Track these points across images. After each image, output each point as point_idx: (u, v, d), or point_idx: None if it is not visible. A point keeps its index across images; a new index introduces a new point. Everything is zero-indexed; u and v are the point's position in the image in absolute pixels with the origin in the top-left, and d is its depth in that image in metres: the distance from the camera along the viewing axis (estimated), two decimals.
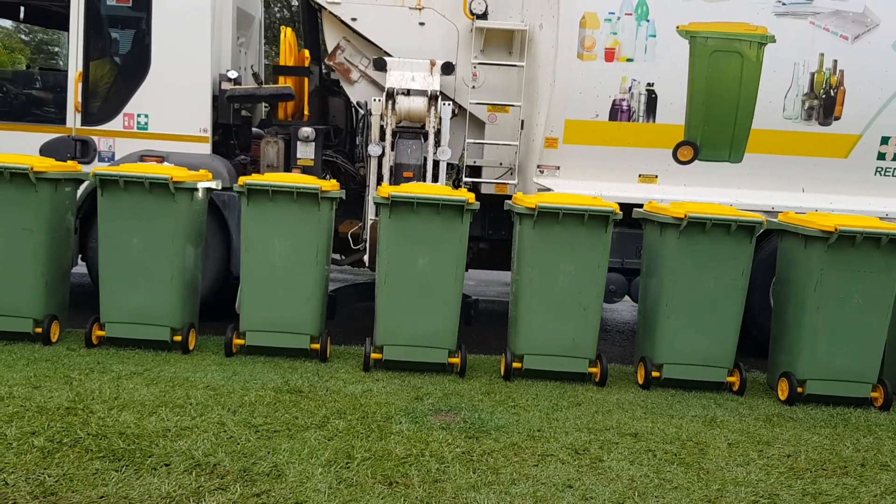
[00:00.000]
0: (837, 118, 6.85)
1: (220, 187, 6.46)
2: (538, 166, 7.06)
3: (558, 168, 7.06)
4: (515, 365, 5.77)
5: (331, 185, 5.96)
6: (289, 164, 7.11)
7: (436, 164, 6.85)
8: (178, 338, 5.81)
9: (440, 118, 6.90)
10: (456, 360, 5.77)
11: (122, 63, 7.02)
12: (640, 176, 7.06)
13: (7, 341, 5.77)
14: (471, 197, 5.68)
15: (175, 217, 5.75)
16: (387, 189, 5.71)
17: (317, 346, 5.88)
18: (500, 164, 7.39)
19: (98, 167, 5.68)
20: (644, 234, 6.16)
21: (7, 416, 4.34)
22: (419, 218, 5.65)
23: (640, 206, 6.26)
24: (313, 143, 7.08)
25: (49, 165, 5.79)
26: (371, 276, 7.15)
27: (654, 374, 5.77)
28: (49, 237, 5.80)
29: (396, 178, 6.85)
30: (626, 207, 6.19)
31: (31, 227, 5.70)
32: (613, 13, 6.70)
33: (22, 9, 7.78)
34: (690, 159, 6.97)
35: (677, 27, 6.69)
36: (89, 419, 4.38)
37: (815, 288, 5.52)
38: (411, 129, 6.98)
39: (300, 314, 5.85)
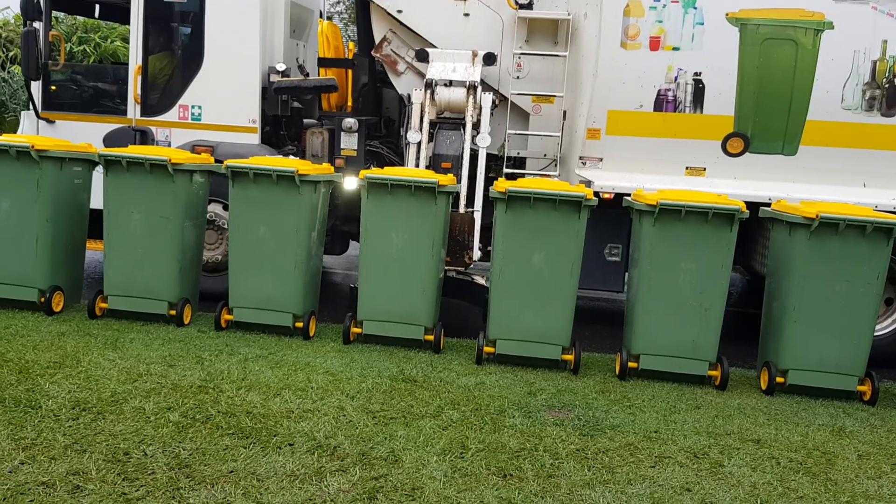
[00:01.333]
0: None
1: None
2: (580, 157, 6.93)
3: (601, 160, 6.90)
4: (631, 364, 5.69)
5: (448, 180, 5.96)
6: (333, 153, 7.27)
7: (475, 153, 6.85)
8: (299, 324, 6.05)
9: (480, 108, 6.89)
10: (570, 357, 5.71)
11: (178, 57, 7.36)
12: (687, 168, 6.81)
13: (144, 322, 6.15)
14: (589, 193, 5.60)
15: (299, 208, 5.98)
16: (503, 184, 5.73)
17: (430, 337, 5.96)
18: (545, 155, 7.30)
19: (230, 160, 6.01)
20: (771, 233, 5.93)
21: (145, 391, 4.66)
22: (535, 213, 5.62)
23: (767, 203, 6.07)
24: (356, 134, 7.20)
25: (185, 157, 6.14)
26: None
27: (779, 379, 5.57)
28: (184, 225, 6.15)
29: (435, 168, 6.88)
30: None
31: (169, 216, 6.06)
32: (659, 1, 6.49)
33: (97, 6, 8.25)
34: (741, 151, 6.67)
35: (727, 14, 6.41)
36: (219, 398, 4.64)
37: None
38: (451, 120, 7.00)
39: (415, 305, 5.93)
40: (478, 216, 6.68)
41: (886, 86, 6.37)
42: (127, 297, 6.14)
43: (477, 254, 6.56)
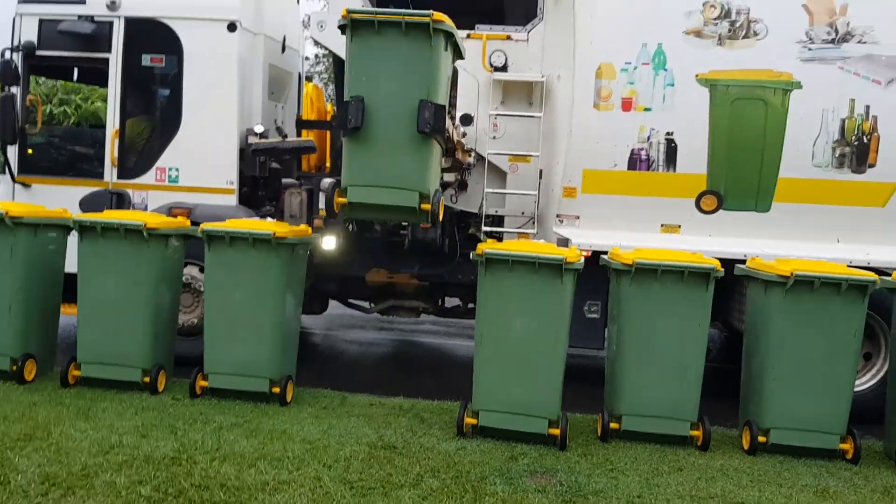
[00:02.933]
0: (872, 165, 6.52)
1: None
2: (558, 215, 6.98)
3: (578, 217, 6.96)
4: (613, 426, 5.61)
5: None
6: (311, 214, 7.28)
7: (451, 210, 6.88)
8: (276, 389, 5.95)
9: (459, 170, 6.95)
10: (556, 432, 5.39)
11: (156, 119, 7.40)
12: (662, 226, 6.87)
13: (118, 390, 6.02)
14: (571, 255, 5.47)
15: (276, 271, 5.91)
16: (481, 246, 5.63)
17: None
18: (522, 213, 7.34)
19: (206, 224, 5.99)
20: (747, 291, 5.95)
21: (117, 464, 4.56)
22: (516, 276, 5.46)
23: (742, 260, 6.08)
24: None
25: (161, 222, 6.11)
26: None
27: (761, 439, 5.51)
28: (159, 290, 6.10)
29: (414, 227, 6.94)
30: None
31: (143, 281, 6.00)
32: (630, 63, 6.62)
33: (75, 70, 8.32)
34: (715, 209, 6.75)
35: (696, 75, 6.54)
36: (193, 470, 4.54)
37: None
38: None
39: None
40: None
41: (856, 143, 6.49)
42: (100, 364, 6.04)
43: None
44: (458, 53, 5.37)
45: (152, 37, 7.22)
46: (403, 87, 4.97)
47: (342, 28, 5.05)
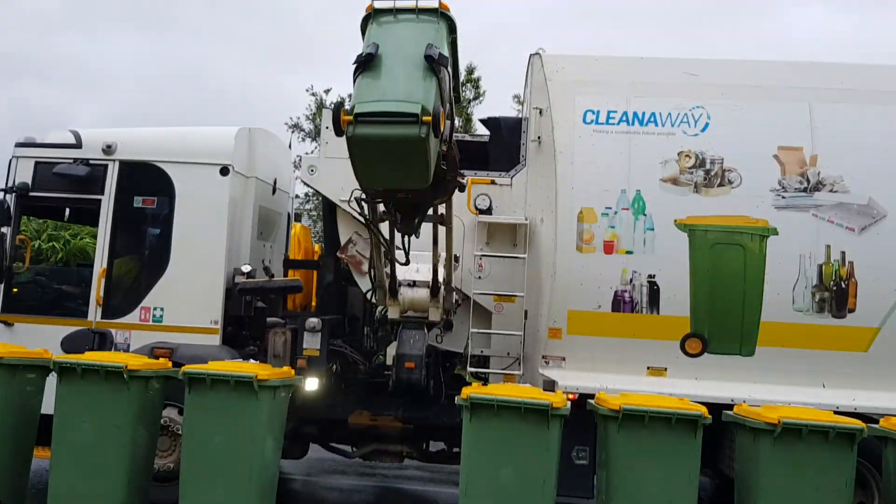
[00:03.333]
0: (852, 310, 6.60)
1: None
2: (543, 357, 6.96)
3: (563, 359, 6.94)
4: None
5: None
6: (295, 353, 7.22)
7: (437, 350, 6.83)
8: None
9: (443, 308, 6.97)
10: None
11: (144, 259, 7.47)
12: (648, 368, 6.85)
13: None
14: (557, 400, 5.40)
15: (257, 415, 5.79)
16: (466, 390, 5.56)
17: None
18: (508, 353, 7.31)
19: (187, 367, 5.93)
20: (735, 438, 5.86)
21: None
22: (501, 422, 5.37)
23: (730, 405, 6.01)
24: (319, 334, 7.20)
25: (142, 364, 6.04)
26: None
27: None
28: (136, 434, 5.96)
29: (398, 369, 6.85)
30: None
31: (121, 424, 5.87)
32: (610, 208, 6.81)
33: (66, 210, 8.45)
34: (700, 352, 6.75)
35: (675, 221, 6.73)
36: None
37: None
38: (414, 319, 7.05)
39: None
40: None
41: (834, 288, 6.60)
42: None
43: None
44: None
45: (146, 179, 7.39)
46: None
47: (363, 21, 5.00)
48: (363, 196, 5.55)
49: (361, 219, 7.29)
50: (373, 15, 5.06)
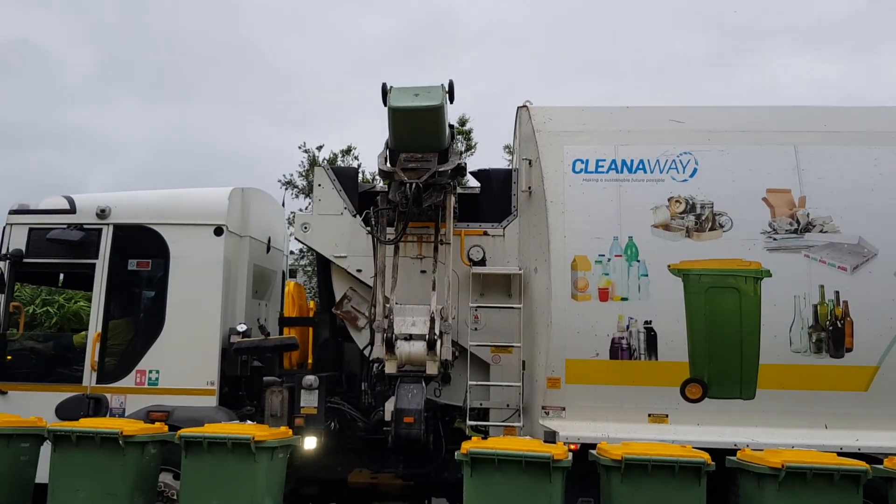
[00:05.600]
0: (849, 350, 6.58)
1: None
2: (543, 407, 6.90)
3: (563, 409, 6.87)
4: None
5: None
6: (293, 412, 7.15)
7: (437, 405, 6.79)
8: None
9: (440, 361, 6.94)
10: None
11: (139, 322, 7.43)
12: (649, 416, 6.79)
13: None
14: (558, 452, 5.36)
15: (254, 477, 5.73)
16: (466, 444, 5.52)
17: None
18: (507, 405, 7.25)
19: (183, 430, 5.89)
20: (740, 483, 5.78)
21: None
22: (503, 476, 5.34)
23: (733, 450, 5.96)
24: (317, 391, 7.14)
25: (138, 429, 5.99)
26: None
27: None
28: (132, 500, 5.86)
29: (397, 425, 6.78)
30: None
31: (116, 492, 5.80)
32: (603, 255, 6.84)
33: (61, 276, 8.45)
34: (700, 397, 6.71)
35: (669, 266, 6.75)
36: None
37: None
38: (412, 373, 7.00)
39: None
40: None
41: (830, 328, 6.60)
42: None
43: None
44: None
45: (140, 242, 7.41)
46: None
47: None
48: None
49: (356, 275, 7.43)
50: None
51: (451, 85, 6.37)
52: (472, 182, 8.24)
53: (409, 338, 7.00)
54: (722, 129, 7.11)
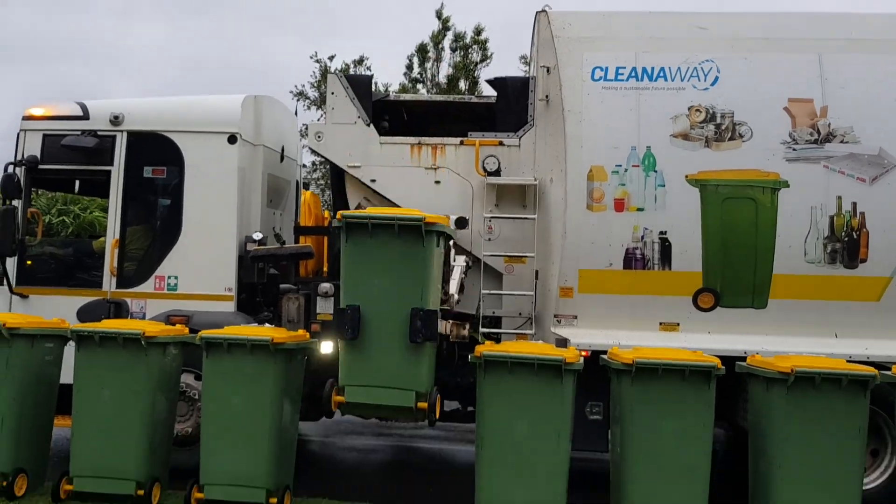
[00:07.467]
0: (864, 261, 6.60)
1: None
2: (555, 316, 7.00)
3: (575, 317, 6.97)
4: None
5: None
6: (309, 319, 7.27)
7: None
8: (273, 500, 5.79)
9: (453, 269, 6.99)
10: None
11: (156, 229, 7.48)
12: (661, 324, 6.88)
13: None
14: (570, 356, 5.44)
15: (274, 377, 5.86)
16: (479, 348, 5.60)
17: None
18: (520, 313, 7.34)
19: (204, 331, 5.99)
20: (749, 389, 5.92)
21: None
22: (515, 379, 5.43)
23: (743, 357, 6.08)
24: (332, 298, 7.24)
25: (159, 330, 6.11)
26: None
27: None
28: (156, 400, 6.03)
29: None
30: None
31: (140, 390, 5.95)
32: (620, 165, 6.79)
33: (76, 182, 8.47)
34: (712, 306, 6.77)
35: (686, 176, 6.71)
36: None
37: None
38: None
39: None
40: (454, 284, 6.61)
41: (846, 239, 6.60)
42: (93, 478, 5.89)
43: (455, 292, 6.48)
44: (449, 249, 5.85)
45: (154, 149, 7.39)
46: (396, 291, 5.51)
47: (336, 229, 5.51)
48: None
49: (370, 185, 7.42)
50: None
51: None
52: (488, 91, 8.12)
53: None
54: (745, 36, 6.94)
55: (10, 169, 7.25)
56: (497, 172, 7.27)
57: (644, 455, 5.53)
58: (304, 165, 12.19)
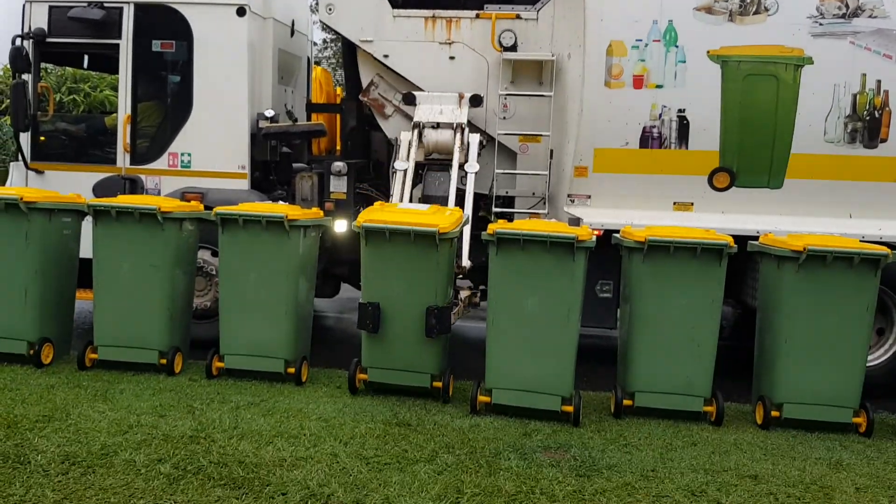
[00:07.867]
0: (884, 140, 6.49)
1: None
2: (569, 195, 6.98)
3: (589, 197, 6.95)
4: (626, 402, 5.64)
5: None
6: (322, 197, 7.30)
7: (462, 193, 6.89)
8: (291, 370, 6.00)
9: (468, 149, 6.95)
10: (569, 409, 5.41)
11: (167, 105, 7.42)
12: (674, 204, 6.86)
13: (135, 371, 6.09)
14: (582, 233, 5.46)
15: (289, 253, 5.96)
16: (492, 226, 5.63)
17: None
18: (533, 193, 7.34)
19: (219, 207, 6.04)
20: (760, 267, 5.96)
21: (136, 443, 4.62)
22: (527, 256, 5.46)
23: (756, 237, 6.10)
24: (345, 177, 7.24)
25: (175, 206, 6.16)
26: None
27: (774, 413, 5.55)
28: (174, 273, 6.15)
29: None
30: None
31: (158, 264, 6.06)
32: (641, 40, 6.59)
33: (86, 57, 8.34)
34: (727, 186, 6.73)
35: (708, 52, 6.51)
36: (211, 448, 4.60)
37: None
38: (439, 161, 7.05)
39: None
40: (465, 255, 6.65)
41: (867, 118, 6.46)
42: (117, 347, 6.11)
43: (466, 262, 6.60)
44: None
45: (162, 22, 7.23)
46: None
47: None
48: None
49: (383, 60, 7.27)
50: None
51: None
52: None
53: (437, 126, 6.98)
54: None
55: (19, 42, 7.14)
56: (513, 48, 7.08)
57: (652, 330, 5.64)
58: (315, 43, 11.91)
